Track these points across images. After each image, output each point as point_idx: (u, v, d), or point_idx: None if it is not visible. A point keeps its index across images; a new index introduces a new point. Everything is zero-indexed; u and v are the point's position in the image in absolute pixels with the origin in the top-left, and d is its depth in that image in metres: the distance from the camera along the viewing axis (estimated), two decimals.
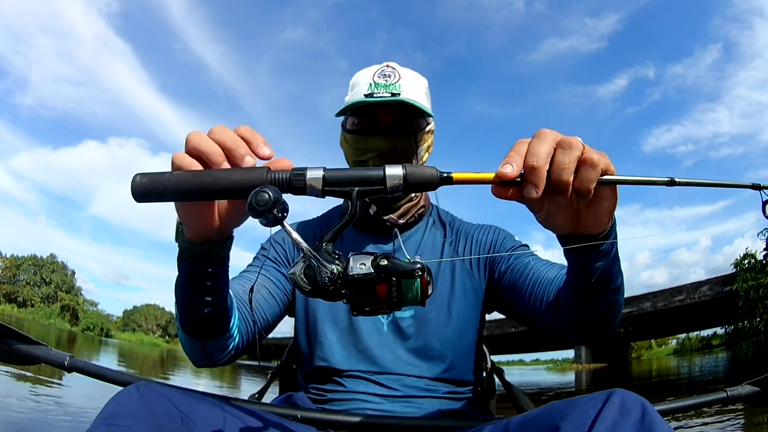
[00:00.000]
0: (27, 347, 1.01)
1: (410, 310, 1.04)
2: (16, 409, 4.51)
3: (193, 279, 0.76)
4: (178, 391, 0.72)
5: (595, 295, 0.77)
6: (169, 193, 0.58)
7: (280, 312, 1.07)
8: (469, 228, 1.17)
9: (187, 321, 0.83)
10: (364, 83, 1.06)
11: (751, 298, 13.73)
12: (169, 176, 0.58)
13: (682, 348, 34.37)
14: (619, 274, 0.76)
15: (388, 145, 1.04)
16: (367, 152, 1.05)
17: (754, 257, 14.54)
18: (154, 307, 75.63)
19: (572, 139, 0.58)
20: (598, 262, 0.70)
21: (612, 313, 0.80)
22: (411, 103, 1.01)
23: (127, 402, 0.63)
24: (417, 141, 1.07)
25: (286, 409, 0.88)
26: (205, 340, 0.86)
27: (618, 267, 0.75)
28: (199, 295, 0.78)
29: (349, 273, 0.52)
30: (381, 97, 1.01)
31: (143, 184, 0.57)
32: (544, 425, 0.64)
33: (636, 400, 0.60)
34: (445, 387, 1.03)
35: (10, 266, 51.43)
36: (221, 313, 0.83)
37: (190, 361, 0.90)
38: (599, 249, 0.69)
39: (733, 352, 16.89)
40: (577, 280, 0.76)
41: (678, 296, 17.05)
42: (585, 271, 0.72)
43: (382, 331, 1.04)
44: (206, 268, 0.75)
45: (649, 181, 0.62)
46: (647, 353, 38.83)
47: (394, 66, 1.09)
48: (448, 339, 1.04)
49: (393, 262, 0.52)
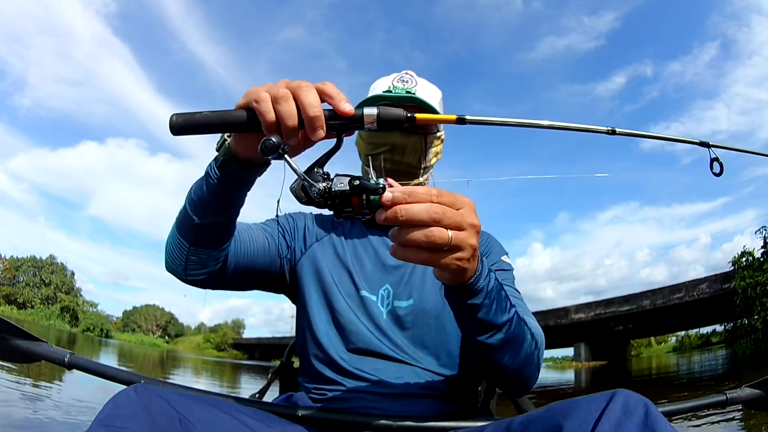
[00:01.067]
0: (28, 344, 1.01)
1: (410, 299, 1.05)
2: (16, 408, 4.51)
3: (218, 189, 0.83)
4: (177, 392, 0.72)
5: (470, 344, 0.82)
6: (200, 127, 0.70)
7: (269, 268, 1.09)
8: None
9: (188, 223, 0.88)
10: (383, 85, 1.15)
11: (749, 295, 13.81)
12: (200, 116, 0.70)
13: (681, 345, 34.47)
14: (504, 335, 0.79)
15: (401, 140, 1.10)
16: (380, 146, 1.11)
17: (752, 255, 14.64)
18: (154, 307, 75.73)
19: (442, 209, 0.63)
20: (460, 309, 0.76)
21: (499, 363, 0.82)
22: (425, 102, 1.09)
23: (125, 403, 0.64)
24: (427, 142, 1.13)
25: (287, 408, 0.88)
26: (194, 247, 0.90)
27: (495, 326, 0.77)
28: (215, 204, 0.85)
29: (332, 189, 0.65)
30: (398, 93, 1.10)
31: (178, 122, 0.69)
32: (547, 425, 0.64)
33: (639, 401, 0.61)
34: (445, 383, 1.02)
35: (10, 268, 51.41)
36: (223, 230, 0.90)
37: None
38: (456, 299, 0.74)
39: (732, 349, 16.94)
40: (463, 324, 0.80)
41: (677, 294, 17.12)
42: (455, 313, 0.79)
43: (382, 320, 1.04)
44: (236, 184, 0.83)
45: (590, 129, 0.70)
46: (647, 351, 38.91)
47: (412, 74, 1.16)
48: (446, 330, 1.04)
49: (363, 182, 0.64)
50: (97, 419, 0.61)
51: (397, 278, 1.08)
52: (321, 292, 1.09)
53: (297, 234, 1.16)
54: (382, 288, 1.08)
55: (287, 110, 0.66)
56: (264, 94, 0.67)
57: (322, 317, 1.07)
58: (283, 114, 0.66)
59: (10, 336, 1.01)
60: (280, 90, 0.67)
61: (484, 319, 0.76)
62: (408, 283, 1.08)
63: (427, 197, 0.62)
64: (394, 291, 1.07)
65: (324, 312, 1.07)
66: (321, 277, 1.09)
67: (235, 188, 0.84)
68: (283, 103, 0.66)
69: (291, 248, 1.14)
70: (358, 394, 0.99)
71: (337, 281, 1.08)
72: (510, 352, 0.81)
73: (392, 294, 1.07)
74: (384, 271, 1.10)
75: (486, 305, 0.74)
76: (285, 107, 0.66)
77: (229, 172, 0.81)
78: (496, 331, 0.78)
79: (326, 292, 1.08)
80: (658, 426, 0.58)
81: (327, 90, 0.68)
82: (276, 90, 0.67)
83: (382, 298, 1.07)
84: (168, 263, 0.94)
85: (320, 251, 1.13)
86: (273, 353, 30.40)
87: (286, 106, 0.66)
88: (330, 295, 1.07)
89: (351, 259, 1.11)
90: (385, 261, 1.11)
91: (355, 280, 1.08)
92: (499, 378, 0.87)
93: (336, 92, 0.69)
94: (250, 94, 0.69)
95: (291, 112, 0.66)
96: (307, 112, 0.66)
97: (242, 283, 1.06)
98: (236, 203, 0.87)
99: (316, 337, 1.05)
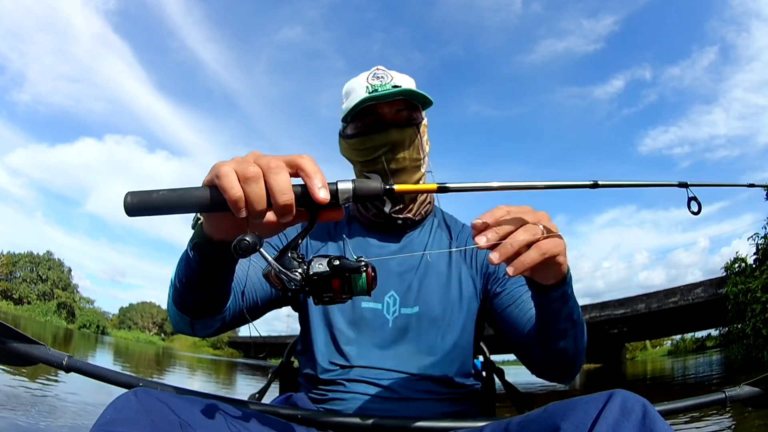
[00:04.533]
0: (25, 347, 0.99)
1: (416, 306, 1.05)
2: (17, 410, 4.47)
3: (201, 271, 0.77)
4: (177, 395, 0.72)
5: (552, 333, 0.87)
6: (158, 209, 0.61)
7: (270, 297, 1.07)
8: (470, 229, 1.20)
9: (182, 301, 0.84)
10: (359, 88, 1.08)
11: (740, 301, 13.79)
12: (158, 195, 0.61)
13: (676, 349, 34.47)
14: (576, 320, 0.86)
15: (399, 136, 1.06)
16: (378, 149, 1.07)
17: (745, 261, 14.62)
18: (150, 304, 75.25)
19: (535, 228, 0.67)
20: (555, 304, 0.80)
21: (568, 352, 0.89)
22: (416, 91, 1.05)
23: (125, 408, 0.63)
24: (420, 133, 1.11)
25: (287, 410, 0.88)
26: (196, 318, 0.88)
27: (575, 314, 0.85)
28: (202, 285, 0.80)
29: (310, 272, 0.63)
30: (386, 91, 1.04)
31: (134, 202, 0.61)
32: (544, 426, 0.65)
33: (637, 401, 0.61)
34: (446, 387, 1.03)
35: (7, 263, 51.10)
36: (219, 300, 0.86)
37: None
38: (557, 294, 0.79)
39: (726, 354, 16.97)
40: (542, 316, 0.86)
41: (672, 298, 17.11)
42: (545, 309, 0.83)
43: (387, 327, 1.04)
44: (217, 265, 0.77)
45: (572, 185, 0.72)
46: (642, 354, 38.92)
47: (384, 68, 1.11)
48: (450, 336, 1.05)
49: (343, 262, 0.63)
50: (97, 424, 0.61)
51: (403, 284, 1.07)
52: (320, 312, 1.08)
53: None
54: (388, 295, 1.06)
55: (255, 193, 0.60)
56: (231, 173, 0.60)
57: (321, 337, 1.06)
58: (251, 197, 0.60)
59: (7, 339, 0.99)
60: (248, 169, 0.60)
61: (571, 308, 0.83)
62: (414, 289, 1.07)
63: (519, 221, 0.67)
64: (401, 298, 1.06)
65: (324, 332, 1.07)
66: None
67: (219, 269, 0.78)
68: (252, 184, 0.60)
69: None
70: (358, 395, 0.99)
71: None
72: (579, 338, 0.88)
73: (399, 301, 1.06)
74: (388, 277, 1.07)
75: (572, 294, 0.82)
76: (253, 189, 0.60)
77: (206, 253, 0.74)
78: (576, 318, 0.85)
79: (325, 311, 1.07)
80: (656, 426, 0.57)
81: (303, 167, 0.62)
82: (244, 168, 0.60)
83: (388, 305, 1.06)
84: (175, 327, 0.93)
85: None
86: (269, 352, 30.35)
87: (255, 188, 0.60)
88: (329, 314, 1.06)
89: None
90: (389, 267, 1.08)
91: None
92: (560, 365, 0.93)
93: (313, 170, 0.61)
94: (215, 169, 0.61)
95: (260, 195, 0.60)
96: (276, 198, 0.60)
97: (251, 316, 1.04)
98: (226, 278, 0.82)
99: (315, 356, 1.05)
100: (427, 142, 1.16)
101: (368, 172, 1.09)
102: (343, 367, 1.02)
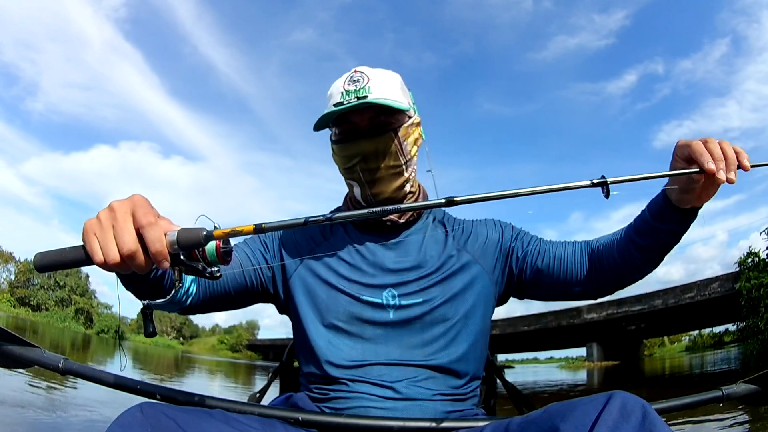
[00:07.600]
0: (20, 349, 0.98)
1: (416, 300, 1.05)
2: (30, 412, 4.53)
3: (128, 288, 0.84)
4: (184, 409, 0.72)
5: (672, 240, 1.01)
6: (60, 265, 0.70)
7: (246, 288, 1.11)
8: (468, 223, 1.20)
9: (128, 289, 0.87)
10: (336, 93, 1.06)
11: (754, 296, 13.60)
12: (53, 253, 0.70)
13: (694, 345, 34.04)
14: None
15: (370, 147, 1.04)
16: (352, 158, 1.06)
17: (758, 255, 14.36)
18: None
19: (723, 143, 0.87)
20: (690, 222, 0.98)
21: (662, 256, 1.04)
22: (377, 103, 1.02)
23: (131, 423, 0.64)
24: (399, 137, 1.07)
25: (289, 412, 0.89)
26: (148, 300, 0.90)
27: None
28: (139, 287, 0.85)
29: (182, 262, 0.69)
30: (349, 103, 1.01)
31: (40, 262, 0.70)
32: (544, 426, 0.65)
33: (636, 402, 0.61)
34: (448, 385, 1.03)
35: (24, 270, 51.71)
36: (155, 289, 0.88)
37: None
38: (692, 218, 0.97)
39: (742, 349, 16.76)
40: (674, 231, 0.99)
41: (689, 293, 16.93)
42: (680, 228, 0.98)
43: (388, 322, 1.04)
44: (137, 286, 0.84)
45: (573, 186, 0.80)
46: (660, 350, 38.49)
47: (363, 70, 1.08)
48: (453, 332, 1.05)
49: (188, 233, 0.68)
50: None
51: (399, 280, 1.07)
52: (316, 311, 1.07)
53: (281, 250, 1.14)
54: (386, 291, 1.06)
55: (106, 245, 0.65)
56: (91, 234, 0.65)
57: (321, 334, 1.06)
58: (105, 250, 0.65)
59: (2, 341, 0.98)
60: (100, 224, 0.65)
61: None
62: (411, 284, 1.07)
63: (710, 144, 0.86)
64: (398, 293, 1.06)
65: (322, 330, 1.06)
66: (315, 294, 1.08)
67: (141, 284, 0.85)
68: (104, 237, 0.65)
69: (272, 267, 1.13)
70: (359, 394, 0.98)
71: (332, 297, 1.06)
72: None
73: (397, 296, 1.06)
74: (384, 274, 1.07)
75: None
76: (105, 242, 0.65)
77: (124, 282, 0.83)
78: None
79: (322, 310, 1.07)
80: (656, 428, 0.58)
81: (150, 237, 0.64)
82: (96, 224, 0.66)
83: (387, 300, 1.05)
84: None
85: (312, 266, 1.10)
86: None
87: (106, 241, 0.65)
88: (326, 313, 1.06)
89: (347, 268, 1.09)
90: (384, 264, 1.08)
91: (354, 289, 1.06)
92: (653, 264, 1.05)
93: (158, 249, 0.65)
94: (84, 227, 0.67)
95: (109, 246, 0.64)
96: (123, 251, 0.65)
97: (232, 304, 1.11)
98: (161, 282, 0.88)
99: (316, 355, 1.04)
100: (416, 142, 1.12)
101: (348, 179, 1.11)
102: (344, 366, 1.02)
